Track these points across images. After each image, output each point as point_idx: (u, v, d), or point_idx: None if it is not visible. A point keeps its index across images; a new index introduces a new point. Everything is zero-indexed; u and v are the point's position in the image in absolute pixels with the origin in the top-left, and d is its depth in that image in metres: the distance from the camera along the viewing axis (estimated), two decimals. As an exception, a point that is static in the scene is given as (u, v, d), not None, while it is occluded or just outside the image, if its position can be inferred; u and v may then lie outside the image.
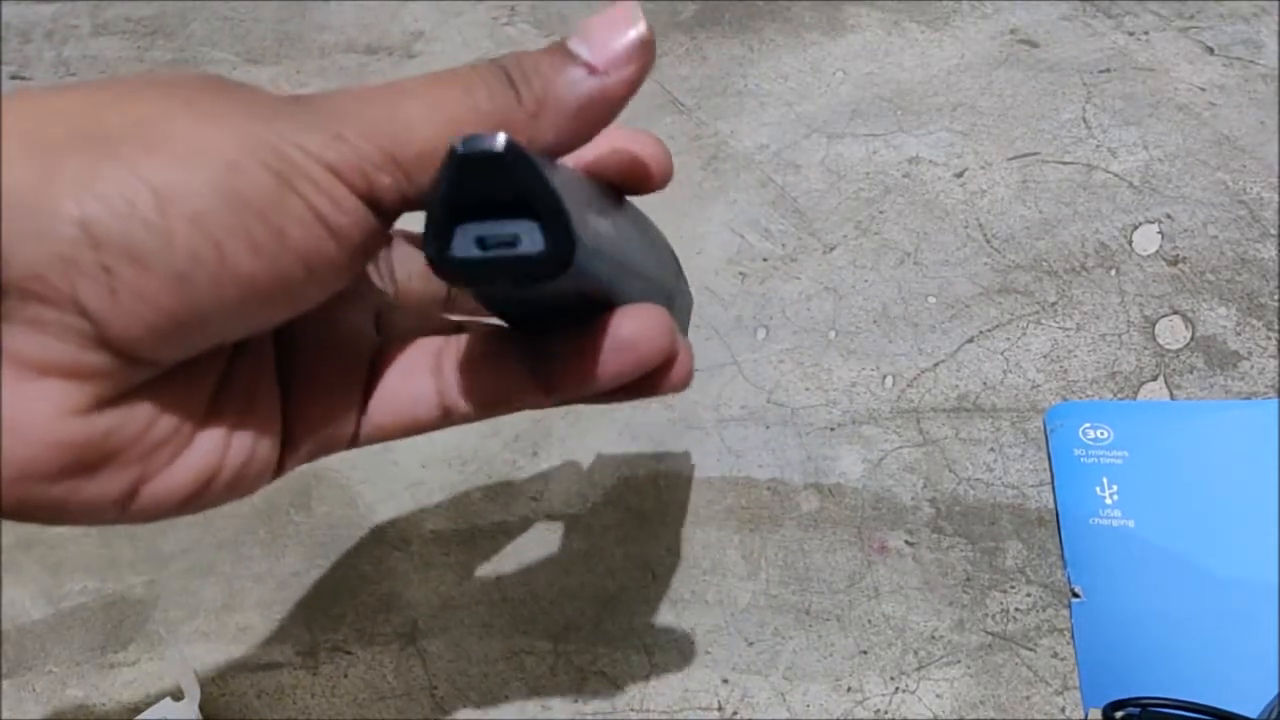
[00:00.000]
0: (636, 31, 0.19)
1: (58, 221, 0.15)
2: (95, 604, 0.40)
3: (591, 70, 0.19)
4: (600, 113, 0.20)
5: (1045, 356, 0.40)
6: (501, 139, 0.17)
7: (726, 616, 0.36)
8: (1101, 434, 0.38)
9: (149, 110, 0.16)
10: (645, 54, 0.20)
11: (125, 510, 0.19)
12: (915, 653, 0.35)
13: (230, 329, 0.18)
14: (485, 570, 0.39)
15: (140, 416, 0.18)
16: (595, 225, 0.20)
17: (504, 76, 0.19)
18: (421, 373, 0.23)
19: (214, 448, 0.20)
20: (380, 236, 0.19)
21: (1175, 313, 0.41)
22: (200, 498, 0.20)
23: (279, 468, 0.22)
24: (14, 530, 0.43)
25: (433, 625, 0.38)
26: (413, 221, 0.19)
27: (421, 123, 0.18)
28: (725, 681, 0.35)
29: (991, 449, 0.39)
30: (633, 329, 0.22)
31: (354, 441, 0.23)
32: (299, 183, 0.17)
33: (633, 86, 0.20)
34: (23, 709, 0.38)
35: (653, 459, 0.41)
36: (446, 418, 0.23)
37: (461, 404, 0.23)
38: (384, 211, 0.19)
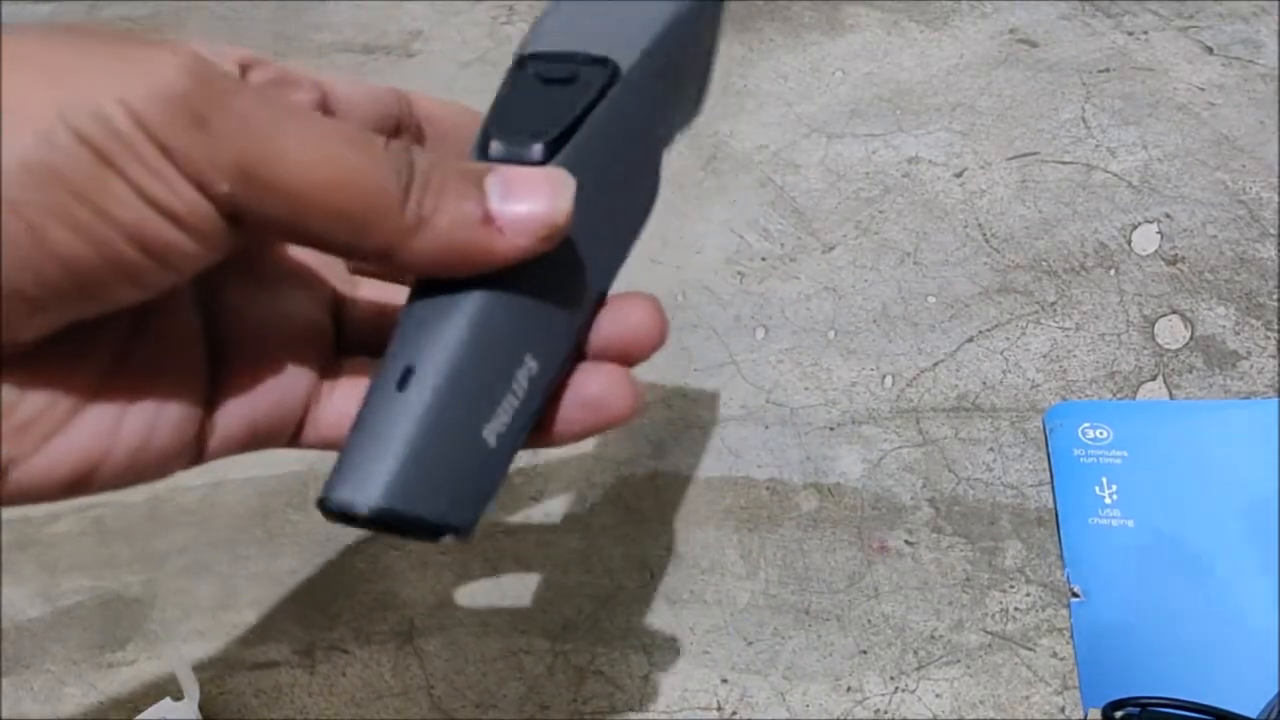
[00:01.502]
0: (553, 209, 0.18)
1: None
2: (92, 603, 0.40)
3: (488, 220, 0.18)
4: (476, 262, 0.18)
5: (1045, 356, 0.40)
6: (368, 507, 0.17)
7: (725, 616, 0.36)
8: (1101, 434, 0.38)
9: None
10: (549, 235, 0.18)
11: None
12: (915, 652, 0.35)
13: (72, 308, 0.17)
14: (483, 569, 0.39)
15: (10, 392, 0.17)
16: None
17: (406, 174, 0.18)
18: None
19: (101, 429, 0.18)
20: (240, 235, 0.17)
21: (1174, 312, 0.41)
22: (88, 481, 0.19)
23: (199, 452, 0.21)
24: (11, 530, 0.43)
25: (430, 624, 0.38)
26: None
27: (295, 155, 0.17)
28: (724, 681, 0.35)
29: (991, 449, 0.39)
30: (599, 388, 0.21)
31: (296, 439, 0.22)
32: (123, 161, 0.15)
33: (521, 255, 0.18)
34: (21, 708, 0.38)
35: (651, 458, 0.40)
36: None
37: None
38: (230, 217, 0.17)
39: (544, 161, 0.19)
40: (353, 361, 0.23)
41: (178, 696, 0.35)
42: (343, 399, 0.22)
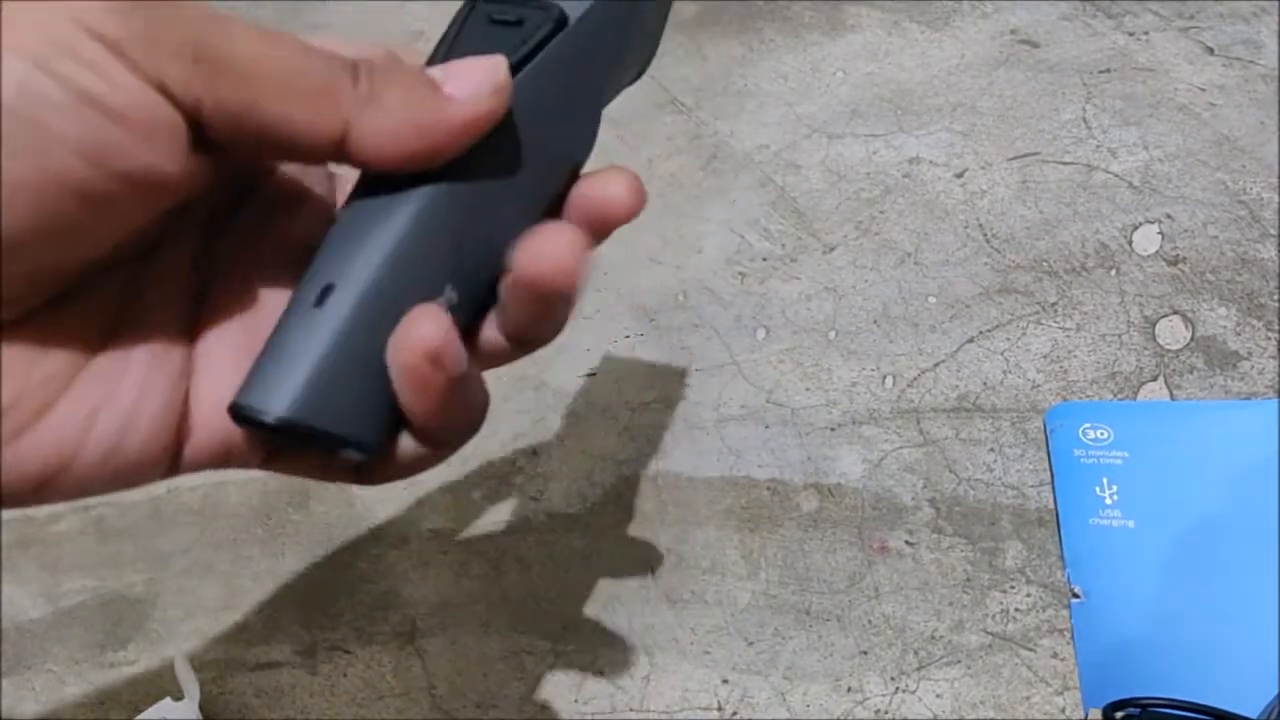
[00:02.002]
0: (494, 74, 0.19)
1: None
2: (94, 603, 0.40)
3: (438, 91, 0.18)
4: (434, 136, 0.18)
5: (1045, 357, 0.40)
6: (274, 416, 0.18)
7: (726, 616, 0.36)
8: (1101, 434, 0.38)
9: None
10: (495, 99, 0.19)
11: None
12: (915, 653, 0.35)
13: (38, 251, 0.16)
14: (484, 569, 0.39)
15: None
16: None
17: (345, 63, 0.18)
18: None
19: (72, 422, 0.18)
20: (202, 154, 0.17)
21: (1175, 313, 0.41)
22: (55, 480, 0.18)
23: (175, 457, 0.19)
24: (13, 529, 0.43)
25: (432, 624, 0.38)
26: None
27: (252, 40, 0.16)
28: (725, 681, 0.35)
29: (991, 449, 0.39)
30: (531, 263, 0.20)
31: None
32: (56, 61, 0.15)
33: (476, 125, 0.19)
34: (22, 708, 0.38)
35: (652, 458, 0.41)
36: None
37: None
38: (192, 118, 0.16)
39: None
40: None
41: (178, 696, 0.35)
42: None
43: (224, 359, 0.20)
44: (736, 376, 0.42)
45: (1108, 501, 0.36)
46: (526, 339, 0.22)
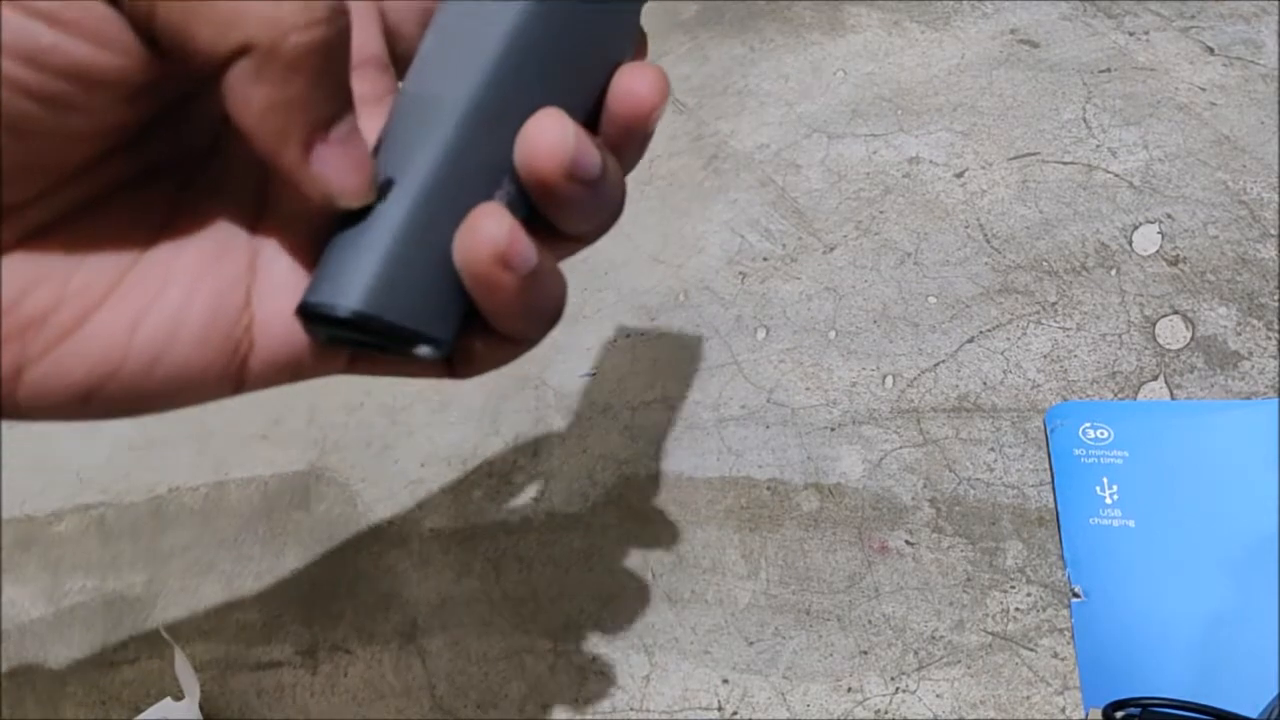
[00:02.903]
0: None
1: None
2: (95, 602, 0.40)
3: None
4: None
5: (1045, 356, 0.40)
6: (348, 310, 0.17)
7: (726, 616, 0.36)
8: (1102, 434, 0.38)
9: None
10: None
11: (15, 395, 0.17)
12: (915, 653, 0.35)
13: (18, 157, 0.16)
14: (485, 569, 0.39)
15: (4, 287, 0.16)
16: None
17: None
18: None
19: (117, 329, 0.17)
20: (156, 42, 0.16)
21: (1175, 313, 0.41)
22: (106, 390, 0.17)
23: (236, 368, 0.19)
24: (14, 529, 0.43)
25: (432, 624, 0.38)
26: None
27: None
28: (725, 681, 0.35)
29: (991, 449, 0.39)
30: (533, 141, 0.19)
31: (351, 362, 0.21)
32: None
33: None
34: (23, 708, 0.38)
35: (653, 458, 0.41)
36: None
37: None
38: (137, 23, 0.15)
39: None
40: None
41: (178, 696, 0.35)
42: None
43: (289, 266, 0.20)
44: (737, 376, 0.42)
45: (1108, 501, 0.36)
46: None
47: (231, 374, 0.19)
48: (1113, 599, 0.34)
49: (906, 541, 0.37)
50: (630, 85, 0.21)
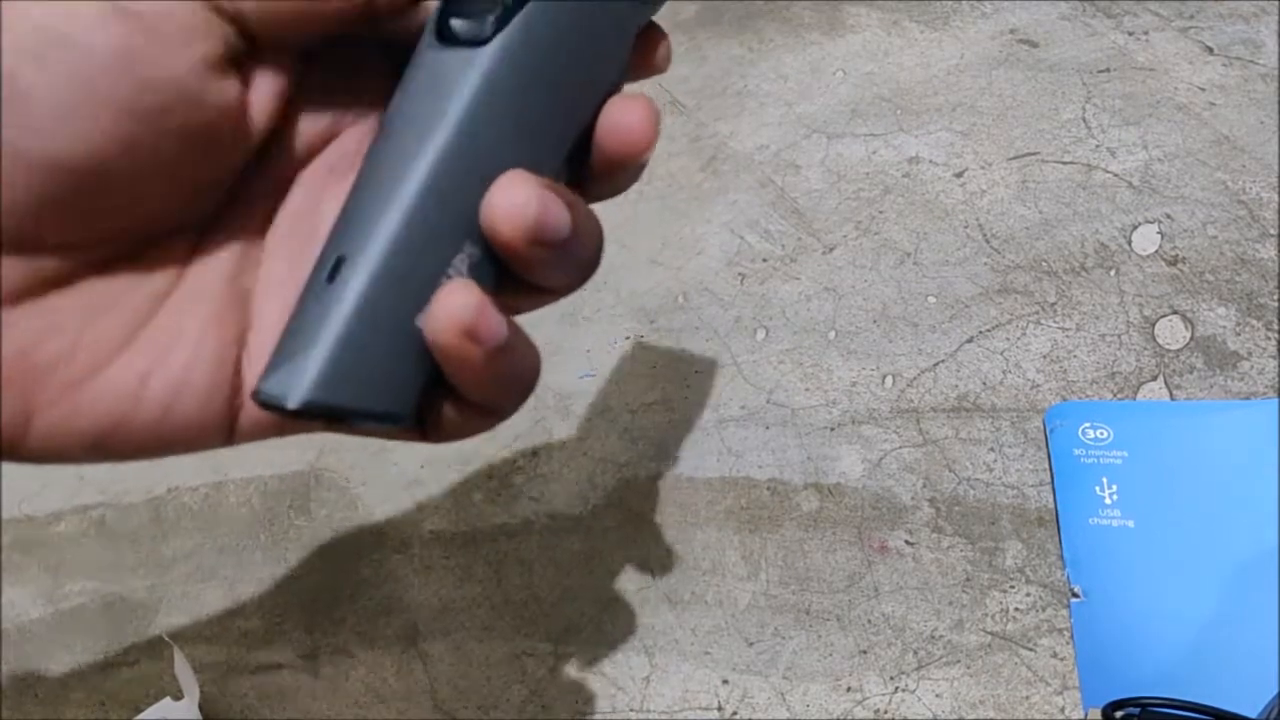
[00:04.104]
0: None
1: None
2: (95, 605, 0.40)
3: None
4: None
5: (1045, 356, 0.40)
6: (297, 401, 0.17)
7: (726, 617, 0.37)
8: (1101, 434, 0.38)
9: None
10: None
11: (23, 441, 0.17)
12: (915, 652, 0.35)
13: (101, 178, 0.16)
14: (486, 572, 0.39)
15: (16, 333, 0.17)
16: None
17: None
18: None
19: (127, 386, 0.18)
20: (246, 60, 0.17)
21: (1175, 313, 0.41)
22: (112, 441, 0.18)
23: (229, 421, 0.20)
24: (14, 531, 0.43)
25: (433, 627, 0.38)
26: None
27: None
28: (725, 682, 0.35)
29: (991, 449, 0.39)
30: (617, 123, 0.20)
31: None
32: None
33: None
34: (24, 710, 0.38)
35: (653, 460, 0.41)
36: None
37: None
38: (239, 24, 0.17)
39: (491, 38, 0.19)
40: None
41: (178, 696, 0.35)
42: None
43: (275, 332, 0.20)
44: (736, 377, 0.42)
45: (1107, 501, 0.36)
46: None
47: (225, 429, 0.20)
48: (1112, 599, 0.34)
49: (906, 541, 0.37)
50: (619, 120, 0.21)
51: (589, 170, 0.21)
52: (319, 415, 0.18)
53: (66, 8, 0.15)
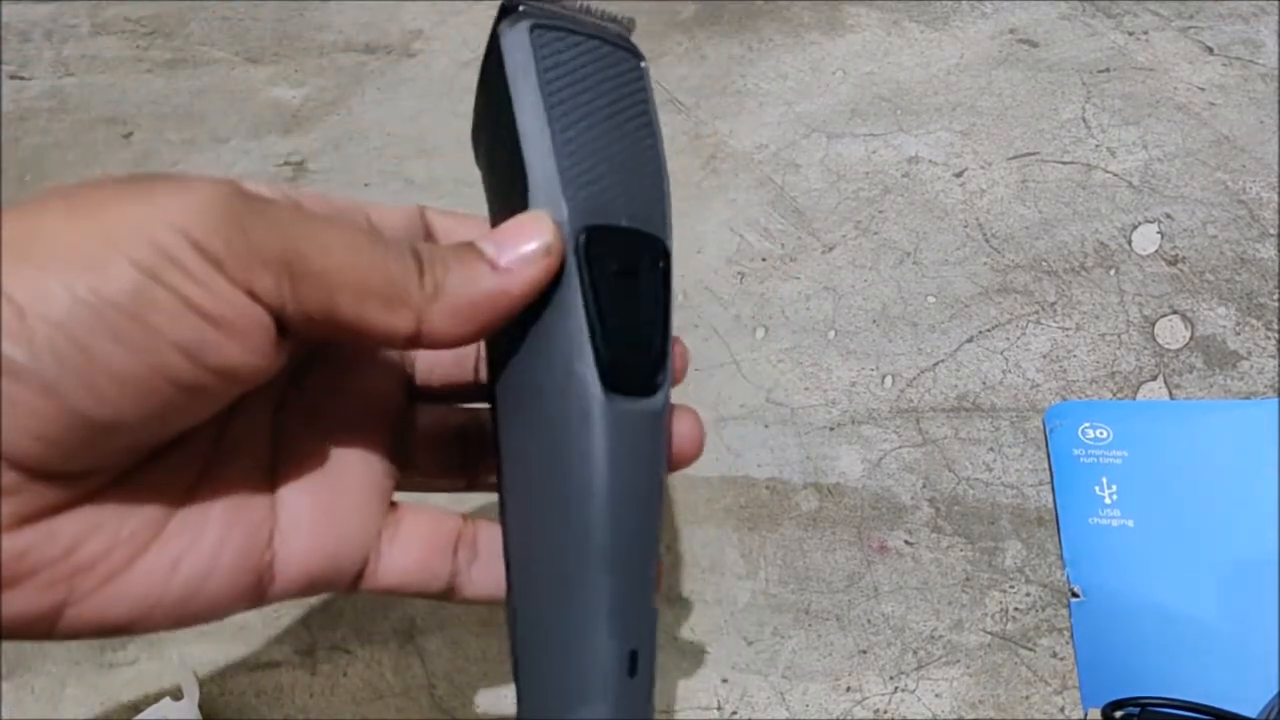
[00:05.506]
0: (541, 240, 0.20)
1: None
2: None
3: (494, 267, 0.20)
4: (497, 308, 0.20)
5: (1045, 356, 0.40)
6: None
7: (726, 616, 0.36)
8: (1101, 434, 0.38)
9: (35, 219, 0.17)
10: (548, 260, 0.20)
11: (52, 630, 0.18)
12: (914, 652, 0.35)
13: (135, 430, 0.18)
14: (484, 569, 0.39)
15: (63, 537, 0.18)
16: None
17: (412, 254, 0.20)
18: (441, 550, 0.24)
19: (158, 573, 0.19)
20: (285, 344, 0.19)
21: (1175, 312, 0.41)
22: (142, 624, 0.20)
23: (258, 594, 0.21)
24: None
25: (431, 623, 0.38)
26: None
27: (334, 248, 0.19)
28: (725, 681, 0.35)
29: (991, 449, 0.39)
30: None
31: (356, 583, 0.23)
32: (166, 272, 0.17)
33: (532, 288, 0.20)
34: (23, 709, 0.38)
35: (652, 458, 0.40)
36: (448, 595, 0.24)
37: (468, 592, 0.24)
38: (278, 318, 0.18)
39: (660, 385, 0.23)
40: (413, 515, 0.24)
41: (178, 696, 0.35)
42: (402, 552, 0.24)
43: (304, 509, 0.22)
44: (735, 376, 0.42)
45: (1107, 501, 0.36)
46: None
47: (253, 599, 0.21)
48: (1112, 599, 0.34)
49: (906, 541, 0.37)
50: (676, 429, 0.24)
51: None
52: None
53: (147, 298, 0.17)
